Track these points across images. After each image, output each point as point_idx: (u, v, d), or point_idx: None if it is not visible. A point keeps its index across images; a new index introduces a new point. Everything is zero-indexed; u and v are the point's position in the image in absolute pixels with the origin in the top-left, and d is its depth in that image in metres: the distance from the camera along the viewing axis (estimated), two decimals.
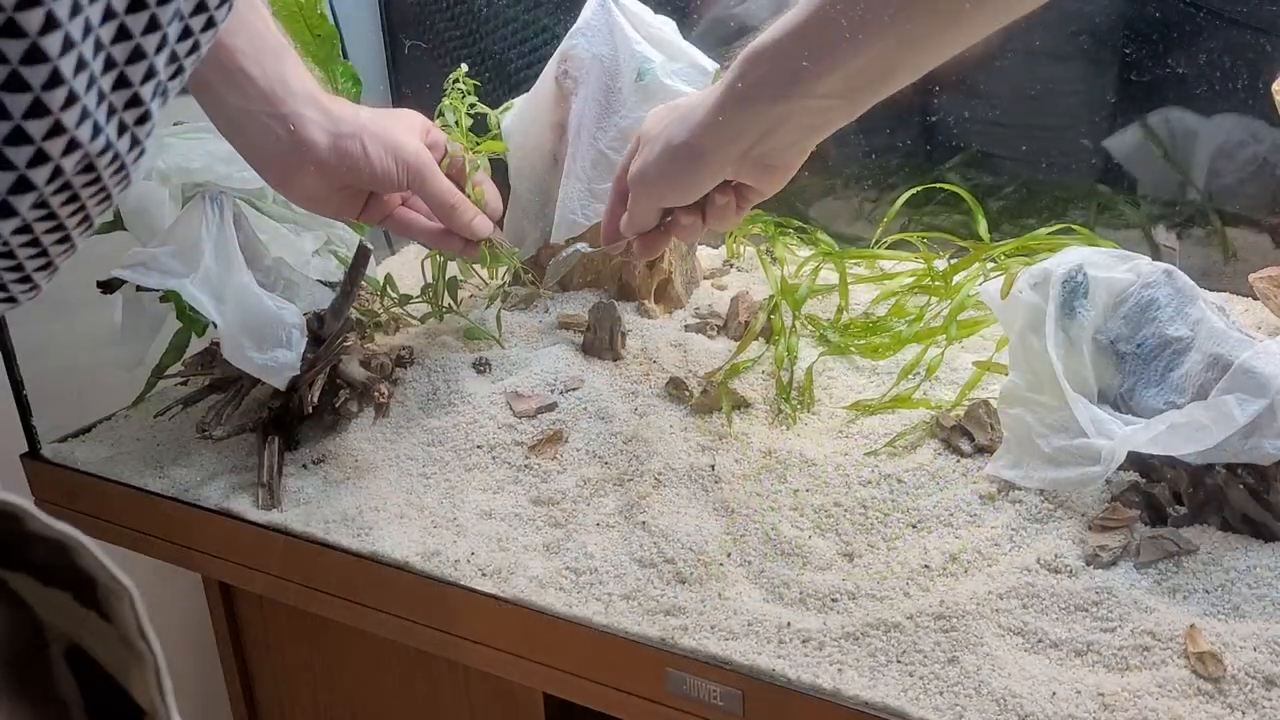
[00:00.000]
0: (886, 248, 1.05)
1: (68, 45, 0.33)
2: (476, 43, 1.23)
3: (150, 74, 0.36)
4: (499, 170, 0.99)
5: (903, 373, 0.86)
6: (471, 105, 0.96)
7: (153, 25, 0.35)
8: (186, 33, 0.38)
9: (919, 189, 1.05)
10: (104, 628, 0.34)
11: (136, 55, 0.35)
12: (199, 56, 0.40)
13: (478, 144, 0.95)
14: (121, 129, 0.36)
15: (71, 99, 0.34)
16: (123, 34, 0.35)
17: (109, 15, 0.34)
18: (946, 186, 1.04)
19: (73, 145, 0.35)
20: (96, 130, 0.35)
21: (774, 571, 0.70)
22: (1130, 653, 0.60)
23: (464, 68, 0.96)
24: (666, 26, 0.94)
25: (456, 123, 0.95)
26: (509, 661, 0.73)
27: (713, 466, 0.78)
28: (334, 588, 0.78)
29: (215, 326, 0.82)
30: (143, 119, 0.37)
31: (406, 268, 1.13)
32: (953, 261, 0.98)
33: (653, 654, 0.66)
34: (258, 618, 0.98)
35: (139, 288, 0.85)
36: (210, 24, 0.39)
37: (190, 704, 1.28)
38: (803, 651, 0.64)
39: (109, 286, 0.85)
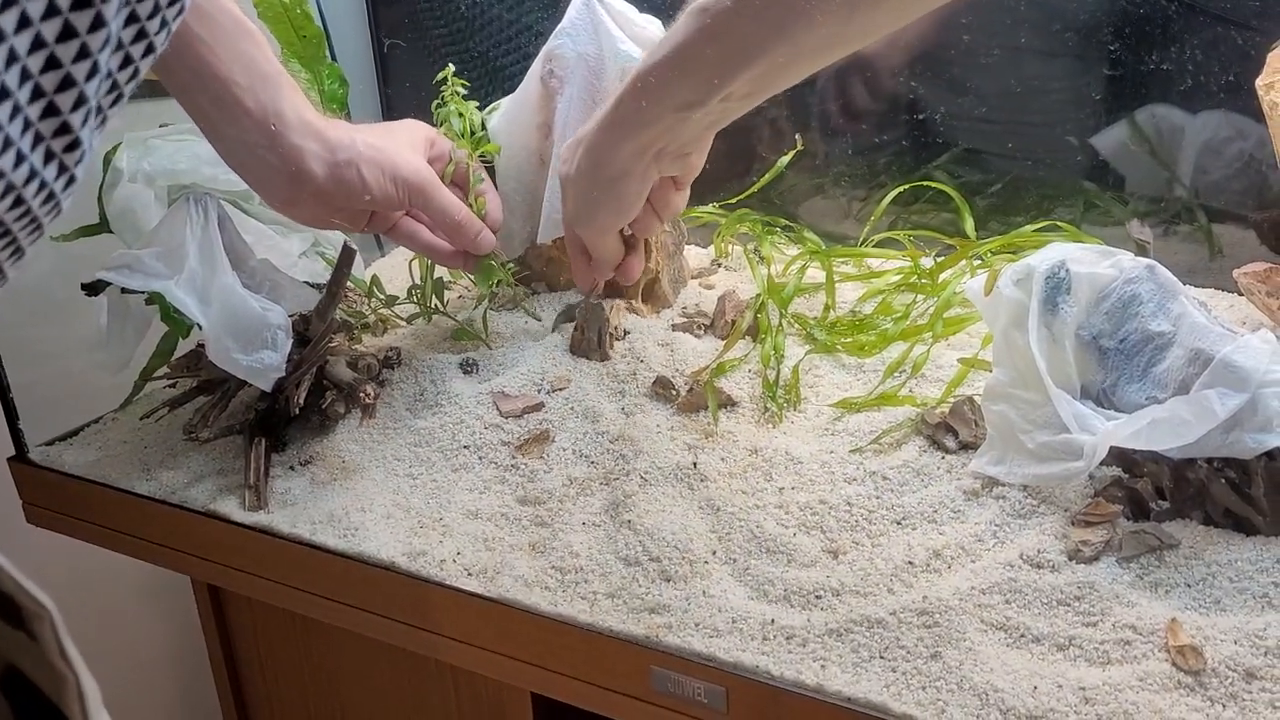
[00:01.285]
0: (874, 246, 1.05)
1: None
2: (464, 43, 1.23)
3: (80, 102, 0.36)
4: (488, 171, 0.99)
5: (888, 370, 0.86)
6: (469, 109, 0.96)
7: (82, 54, 0.35)
8: (127, 61, 0.38)
9: (906, 187, 1.05)
10: (33, 648, 0.34)
11: (66, 84, 0.35)
12: (138, 81, 0.40)
13: (478, 149, 0.95)
14: (49, 157, 0.36)
15: None
16: (52, 63, 0.34)
17: (38, 45, 0.34)
18: (934, 184, 1.04)
19: None
20: (20, 159, 0.34)
21: (759, 569, 0.70)
22: (1112, 646, 0.60)
23: (451, 68, 0.96)
24: (652, 25, 0.94)
25: (461, 130, 0.95)
26: (495, 661, 0.73)
27: (695, 464, 0.78)
28: (320, 588, 0.78)
29: (200, 328, 0.82)
30: (71, 146, 0.37)
31: (395, 269, 1.14)
32: (939, 259, 0.98)
33: (638, 652, 0.66)
34: (247, 619, 0.98)
35: (124, 290, 0.85)
36: (149, 50, 0.39)
37: (180, 706, 1.28)
38: (786, 648, 0.64)
39: (93, 289, 0.85)
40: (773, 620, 0.65)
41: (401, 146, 0.86)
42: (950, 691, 0.59)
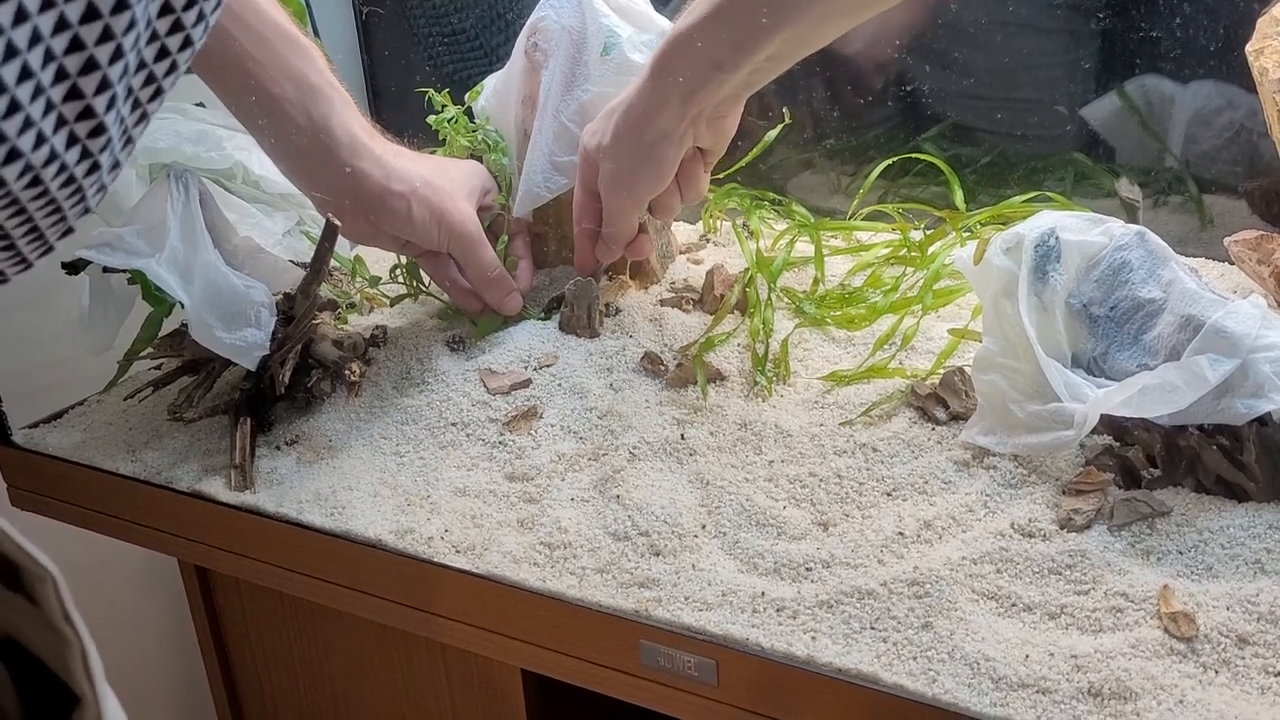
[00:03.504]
0: (863, 219, 1.05)
1: (10, 53, 0.32)
2: (446, 19, 1.22)
3: (104, 86, 0.35)
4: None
5: (878, 343, 0.85)
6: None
7: (106, 36, 0.34)
8: (163, 53, 0.37)
9: (895, 159, 1.04)
10: (33, 612, 0.34)
11: (90, 66, 0.35)
12: (177, 77, 0.40)
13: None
14: (71, 141, 0.36)
15: (14, 108, 0.33)
16: (76, 45, 0.34)
17: (62, 26, 0.33)
18: (923, 157, 1.03)
19: (13, 155, 0.34)
20: (40, 140, 0.34)
21: (748, 542, 0.69)
22: (1104, 614, 0.60)
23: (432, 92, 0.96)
24: None
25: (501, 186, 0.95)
26: (484, 638, 0.72)
27: (684, 438, 0.77)
28: (308, 568, 0.78)
29: (183, 307, 0.81)
30: (96, 131, 0.36)
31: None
32: (929, 232, 0.97)
33: (627, 626, 0.66)
34: (235, 601, 0.97)
35: (105, 269, 0.84)
36: (187, 44, 0.38)
37: (171, 689, 1.27)
38: (777, 620, 0.63)
39: (74, 268, 0.84)
40: (763, 593, 0.65)
41: (458, 191, 0.87)
42: (942, 661, 0.59)
